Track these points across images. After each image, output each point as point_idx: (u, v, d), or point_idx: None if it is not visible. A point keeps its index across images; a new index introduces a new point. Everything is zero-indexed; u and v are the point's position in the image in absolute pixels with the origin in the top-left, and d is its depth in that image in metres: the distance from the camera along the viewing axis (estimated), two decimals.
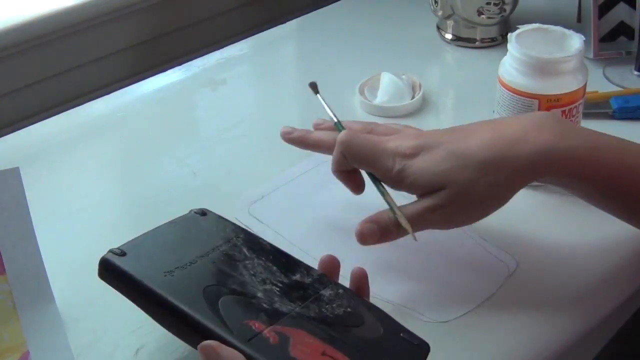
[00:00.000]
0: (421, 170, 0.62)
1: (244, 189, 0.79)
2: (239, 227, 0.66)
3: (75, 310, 0.65)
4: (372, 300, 0.65)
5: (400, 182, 0.64)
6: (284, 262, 0.62)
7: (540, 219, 0.75)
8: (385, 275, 0.68)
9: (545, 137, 0.60)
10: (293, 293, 0.58)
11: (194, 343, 0.52)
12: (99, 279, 0.67)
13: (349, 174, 0.68)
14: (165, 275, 0.57)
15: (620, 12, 0.97)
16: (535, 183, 0.77)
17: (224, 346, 0.51)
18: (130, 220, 0.78)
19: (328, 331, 0.55)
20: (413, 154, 0.63)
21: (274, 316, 0.55)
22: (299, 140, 0.73)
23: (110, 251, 0.59)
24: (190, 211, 0.67)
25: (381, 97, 0.91)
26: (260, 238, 0.65)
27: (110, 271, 0.58)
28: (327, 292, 0.59)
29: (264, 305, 0.56)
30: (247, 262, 0.60)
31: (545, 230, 0.73)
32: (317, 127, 0.74)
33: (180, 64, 1.03)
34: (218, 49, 1.06)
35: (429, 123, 0.89)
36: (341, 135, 0.66)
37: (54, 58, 1.00)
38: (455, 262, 0.70)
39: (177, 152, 0.86)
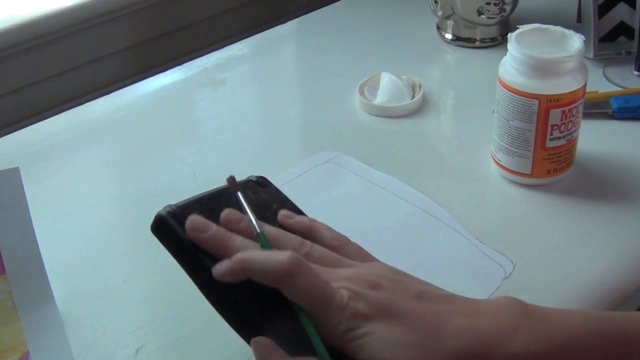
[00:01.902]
0: (379, 342, 0.48)
1: None
2: (296, 206, 0.60)
3: (75, 310, 0.65)
4: None
5: (344, 343, 0.48)
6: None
7: (537, 221, 0.75)
8: None
9: (520, 341, 0.49)
10: None
11: (241, 333, 0.50)
12: (98, 279, 0.67)
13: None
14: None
15: (620, 12, 0.97)
16: (534, 183, 0.78)
17: (277, 349, 0.48)
18: (130, 220, 0.78)
19: None
20: (370, 316, 0.49)
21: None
22: (213, 243, 0.53)
23: (169, 209, 0.53)
24: (249, 177, 0.60)
25: (381, 97, 0.91)
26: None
27: (165, 231, 0.53)
28: None
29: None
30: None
31: (541, 232, 0.73)
32: (232, 224, 0.54)
33: (180, 64, 1.03)
34: (218, 49, 1.06)
35: (429, 123, 0.90)
36: (287, 259, 0.49)
37: (54, 58, 1.00)
38: (452, 264, 0.70)
39: (177, 152, 0.86)
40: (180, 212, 0.53)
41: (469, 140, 0.86)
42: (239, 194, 0.54)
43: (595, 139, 0.83)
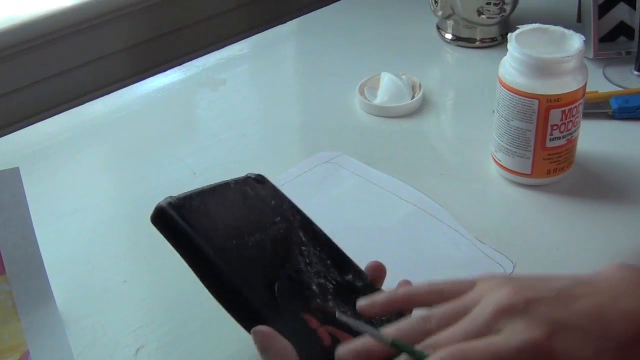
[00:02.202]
0: (575, 349, 0.46)
1: None
2: (294, 204, 0.60)
3: (75, 310, 0.65)
4: None
5: None
6: (338, 258, 0.57)
7: (537, 221, 0.75)
8: None
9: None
10: (346, 294, 0.53)
11: (242, 322, 0.49)
12: (98, 279, 0.67)
13: None
14: (223, 244, 0.52)
15: (620, 12, 0.97)
16: (534, 183, 0.78)
17: (279, 337, 0.47)
18: (130, 220, 0.78)
19: None
20: (552, 334, 0.46)
21: (327, 315, 0.50)
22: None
23: (169, 200, 0.53)
24: (248, 175, 0.61)
25: (381, 97, 0.91)
26: (315, 224, 0.59)
27: (166, 222, 0.53)
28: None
29: (318, 300, 0.52)
30: (302, 247, 0.56)
31: (541, 231, 0.73)
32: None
33: (180, 64, 1.03)
34: (218, 49, 1.06)
35: (429, 123, 0.90)
36: (449, 350, 0.46)
37: (54, 58, 1.00)
38: (452, 264, 0.70)
39: (177, 152, 0.86)
40: (180, 204, 0.53)
41: (469, 140, 0.86)
42: (338, 315, 0.51)
43: (595, 139, 0.83)
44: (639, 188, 0.78)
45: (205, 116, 0.94)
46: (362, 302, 0.52)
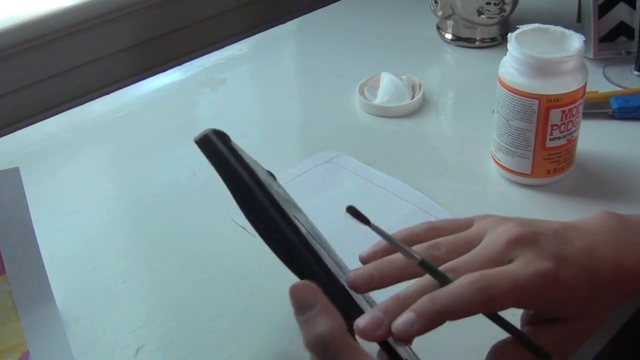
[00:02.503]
0: (578, 268, 0.51)
1: None
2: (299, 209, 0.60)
3: (75, 310, 0.65)
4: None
5: (551, 299, 0.50)
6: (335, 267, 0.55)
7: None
8: None
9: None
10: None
11: (284, 259, 0.49)
12: (98, 279, 0.67)
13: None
14: (260, 178, 0.53)
15: (620, 12, 0.97)
16: (534, 183, 0.78)
17: (322, 295, 0.47)
18: (130, 220, 0.78)
19: None
20: (558, 266, 0.50)
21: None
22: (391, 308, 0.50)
23: (214, 131, 0.55)
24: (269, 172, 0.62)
25: (381, 97, 0.91)
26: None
27: (214, 150, 0.55)
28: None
29: (338, 279, 0.51)
30: (325, 243, 0.56)
31: None
32: (373, 256, 0.56)
33: (180, 64, 1.03)
34: (218, 49, 1.06)
35: (429, 123, 0.90)
36: (477, 276, 0.49)
37: (54, 58, 1.00)
38: None
39: (177, 152, 0.86)
40: (227, 136, 0.56)
41: (469, 140, 0.86)
42: (372, 226, 0.53)
43: (595, 139, 0.83)
44: (639, 188, 0.78)
45: (205, 116, 0.94)
46: (364, 252, 0.55)
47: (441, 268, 0.50)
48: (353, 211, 0.52)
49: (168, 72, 1.01)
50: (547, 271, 0.50)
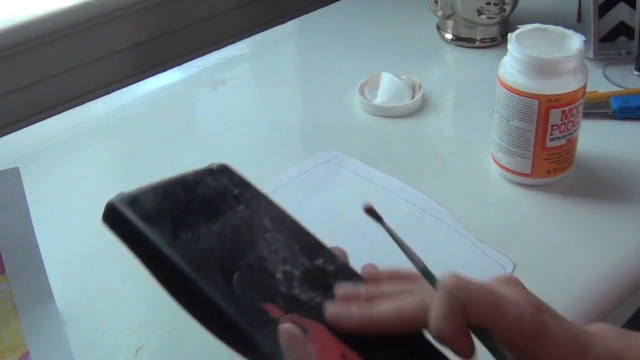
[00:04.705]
0: (561, 329, 0.48)
1: None
2: (261, 192, 0.57)
3: (75, 310, 0.65)
4: None
5: (536, 339, 0.47)
6: (307, 242, 0.55)
7: (537, 221, 0.75)
8: None
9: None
10: (314, 280, 0.51)
11: (198, 317, 0.46)
12: (98, 279, 0.67)
13: (460, 334, 0.48)
14: (178, 235, 0.50)
15: (620, 12, 0.97)
16: (534, 183, 0.78)
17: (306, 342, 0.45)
18: None
19: None
20: (544, 311, 0.49)
21: (292, 303, 0.48)
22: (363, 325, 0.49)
23: (121, 196, 0.52)
24: (210, 165, 0.58)
25: (381, 97, 0.91)
26: (284, 209, 0.56)
27: (117, 219, 0.51)
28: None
29: (282, 288, 0.49)
30: (267, 235, 0.53)
31: (541, 232, 0.73)
32: (372, 277, 0.54)
33: (180, 64, 1.03)
34: (218, 49, 1.06)
35: (429, 123, 0.90)
36: (450, 280, 0.48)
37: (54, 58, 1.00)
38: (452, 264, 0.69)
39: (177, 152, 0.86)
40: (132, 199, 0.52)
41: (469, 140, 0.86)
42: (384, 224, 0.51)
43: (595, 139, 0.83)
44: (639, 188, 0.78)
45: (205, 116, 0.95)
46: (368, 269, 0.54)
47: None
48: (369, 208, 0.51)
49: (168, 72, 1.01)
50: (534, 305, 0.48)
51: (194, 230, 0.50)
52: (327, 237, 0.73)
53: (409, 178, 0.80)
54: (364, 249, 0.71)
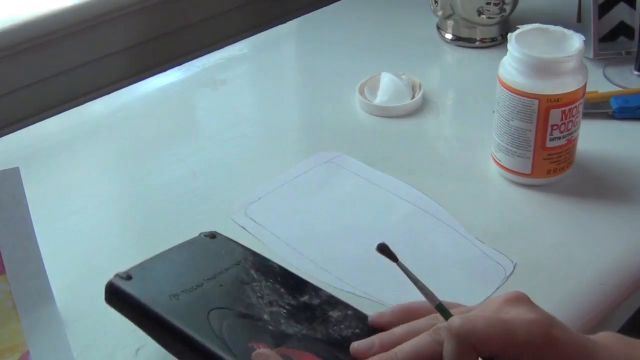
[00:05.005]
0: (570, 340, 0.49)
1: (243, 189, 0.79)
2: (248, 249, 0.64)
3: (75, 310, 0.65)
4: (367, 301, 0.65)
5: (548, 353, 0.49)
6: (293, 283, 0.60)
7: (537, 221, 0.75)
8: (381, 277, 0.68)
9: None
10: (300, 314, 0.56)
11: None
12: (98, 279, 0.67)
13: None
14: (170, 299, 0.56)
15: (620, 12, 0.97)
16: (534, 183, 0.78)
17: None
18: (130, 220, 0.78)
19: (334, 353, 0.53)
20: (552, 325, 0.50)
21: (279, 338, 0.53)
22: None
23: (117, 275, 0.58)
24: (200, 234, 0.66)
25: (381, 97, 0.91)
26: (270, 260, 0.63)
27: (116, 295, 0.57)
28: (335, 314, 0.57)
29: (270, 327, 0.54)
30: (254, 284, 0.59)
31: (541, 232, 0.73)
32: (378, 323, 0.57)
33: (180, 64, 1.03)
34: (218, 49, 1.06)
35: (429, 123, 0.90)
36: (457, 324, 0.48)
37: (54, 58, 1.00)
38: (452, 264, 0.70)
39: (177, 152, 0.86)
40: (131, 275, 0.58)
41: (469, 140, 0.86)
42: (399, 264, 0.55)
43: (595, 139, 0.83)
44: (639, 188, 0.78)
45: (205, 116, 0.94)
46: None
47: (454, 313, 0.51)
48: (382, 248, 0.55)
49: (168, 72, 1.01)
50: (543, 322, 0.49)
51: (187, 293, 0.57)
52: (327, 236, 0.73)
53: (409, 178, 0.80)
54: (364, 248, 0.71)
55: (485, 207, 0.77)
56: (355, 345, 0.53)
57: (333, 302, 0.59)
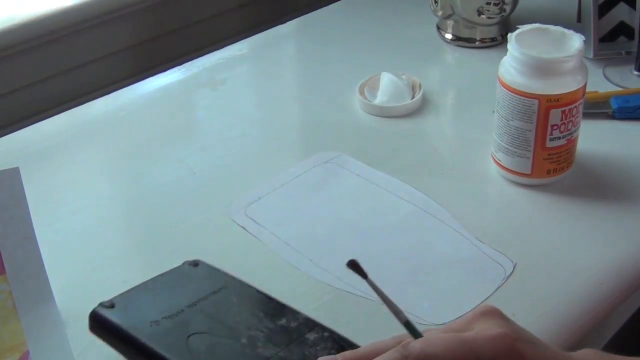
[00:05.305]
0: (540, 355, 0.48)
1: (243, 189, 0.79)
2: (230, 276, 0.66)
3: (75, 310, 0.65)
4: (367, 301, 0.65)
5: None
6: (272, 307, 0.62)
7: (537, 221, 0.75)
8: (380, 277, 0.68)
9: None
10: (278, 337, 0.58)
11: None
12: (98, 279, 0.67)
13: None
14: (151, 325, 0.59)
15: (620, 12, 0.97)
16: (534, 183, 0.78)
17: None
18: (130, 220, 0.78)
19: None
20: (519, 339, 0.49)
21: (256, 359, 0.56)
22: None
23: (100, 304, 0.60)
24: (184, 263, 0.67)
25: (381, 97, 0.91)
26: (250, 286, 0.65)
27: (99, 323, 0.60)
28: (312, 336, 0.59)
29: (247, 350, 0.56)
30: (234, 309, 0.62)
31: (541, 232, 0.73)
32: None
33: (180, 64, 1.03)
34: (218, 49, 1.06)
35: (429, 123, 0.90)
36: (417, 348, 0.48)
37: (54, 58, 1.00)
38: (452, 264, 0.70)
39: (177, 152, 0.86)
40: (114, 304, 0.61)
41: (469, 140, 0.86)
42: (368, 280, 0.54)
43: (595, 139, 0.83)
44: (639, 188, 0.78)
45: (205, 116, 0.95)
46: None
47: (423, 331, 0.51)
48: (353, 265, 0.54)
49: (168, 72, 1.01)
50: (507, 336, 0.48)
51: (167, 319, 0.59)
52: (327, 236, 0.73)
53: (409, 178, 0.80)
54: (364, 248, 0.71)
55: (485, 207, 0.77)
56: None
57: (310, 324, 0.60)
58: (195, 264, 0.67)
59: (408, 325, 0.51)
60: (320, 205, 0.77)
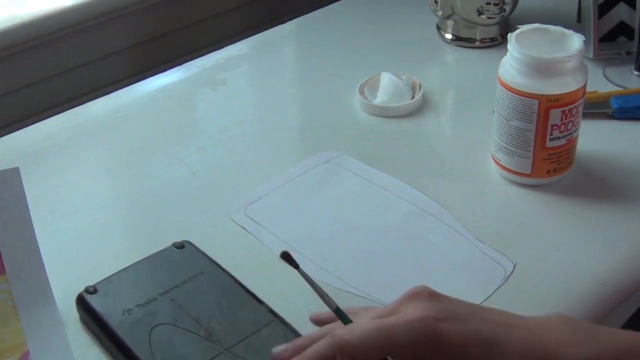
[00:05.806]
0: (465, 331, 0.48)
1: (243, 189, 0.79)
2: (211, 261, 0.67)
3: (75, 310, 0.65)
4: (367, 300, 0.65)
5: (435, 348, 0.48)
6: (238, 297, 0.64)
7: (537, 221, 0.75)
8: (379, 277, 0.68)
9: (571, 354, 0.50)
10: (234, 331, 0.60)
11: None
12: (98, 279, 0.67)
13: None
14: (123, 314, 0.61)
15: (620, 12, 0.97)
16: (534, 183, 0.78)
17: None
18: (130, 220, 0.78)
19: None
20: (442, 318, 0.49)
21: (208, 353, 0.58)
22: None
23: (85, 289, 0.64)
24: (172, 244, 0.69)
25: (381, 97, 0.91)
26: (226, 273, 0.66)
27: (82, 308, 0.63)
28: (266, 331, 0.60)
29: (203, 344, 0.59)
30: (202, 298, 0.63)
31: (541, 232, 0.73)
32: (318, 321, 0.58)
33: (180, 64, 1.03)
34: (218, 49, 1.06)
35: (428, 123, 0.90)
36: (337, 332, 0.50)
37: (54, 58, 1.00)
38: (451, 264, 0.70)
39: (177, 152, 0.86)
40: (97, 289, 0.64)
41: (469, 140, 0.86)
42: (300, 270, 0.56)
43: (595, 139, 0.83)
44: (639, 188, 0.78)
45: (205, 116, 0.95)
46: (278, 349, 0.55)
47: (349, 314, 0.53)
48: (285, 256, 0.56)
49: (168, 72, 1.01)
50: (424, 317, 0.48)
51: (139, 308, 0.62)
52: (327, 236, 0.73)
53: (409, 178, 0.80)
54: (364, 248, 0.71)
55: (485, 207, 0.77)
56: (273, 349, 0.55)
57: (269, 319, 0.61)
58: (181, 246, 0.69)
59: (338, 311, 0.54)
60: (320, 205, 0.77)
